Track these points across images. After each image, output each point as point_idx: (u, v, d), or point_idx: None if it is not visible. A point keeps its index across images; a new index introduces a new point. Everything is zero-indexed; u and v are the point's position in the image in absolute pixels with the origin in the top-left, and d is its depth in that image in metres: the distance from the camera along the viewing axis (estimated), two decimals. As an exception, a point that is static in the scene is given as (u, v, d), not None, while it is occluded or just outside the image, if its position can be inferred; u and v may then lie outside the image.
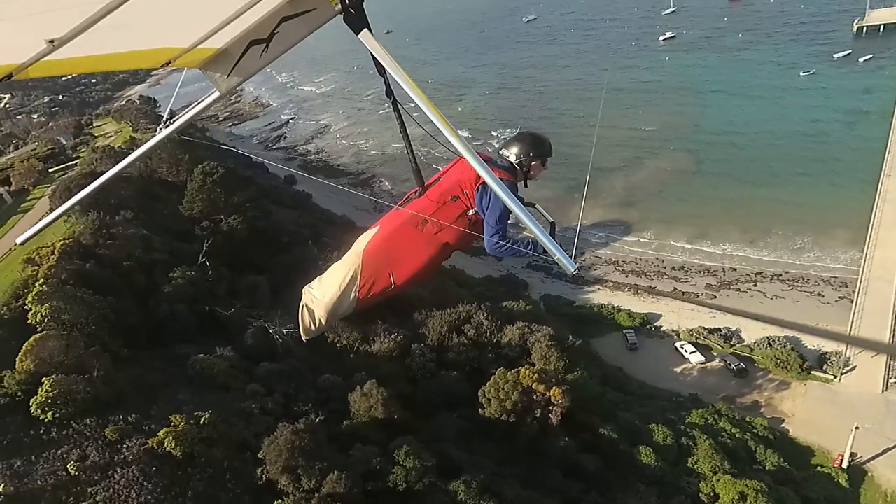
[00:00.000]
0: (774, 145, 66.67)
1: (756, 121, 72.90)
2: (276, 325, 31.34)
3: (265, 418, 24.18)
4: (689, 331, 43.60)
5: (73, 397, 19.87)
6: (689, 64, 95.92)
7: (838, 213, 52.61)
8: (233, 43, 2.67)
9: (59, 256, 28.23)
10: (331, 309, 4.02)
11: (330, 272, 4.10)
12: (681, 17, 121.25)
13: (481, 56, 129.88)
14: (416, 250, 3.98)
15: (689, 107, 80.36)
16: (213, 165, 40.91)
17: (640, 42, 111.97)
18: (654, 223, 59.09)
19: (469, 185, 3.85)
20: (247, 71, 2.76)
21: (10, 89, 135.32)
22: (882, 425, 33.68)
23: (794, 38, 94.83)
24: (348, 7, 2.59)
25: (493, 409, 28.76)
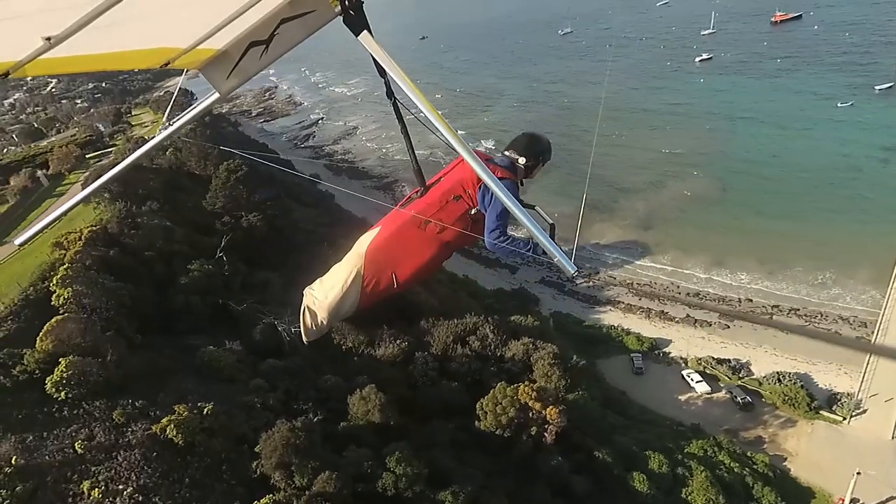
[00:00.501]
0: (802, 178, 64.76)
1: (786, 151, 70.97)
2: (285, 323, 32.08)
3: (265, 413, 24.88)
4: (698, 359, 42.90)
5: (87, 379, 20.91)
6: (723, 87, 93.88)
7: (863, 251, 50.81)
8: (232, 44, 2.66)
9: (85, 242, 29.62)
10: (333, 310, 4.04)
11: (331, 273, 4.12)
12: (720, 38, 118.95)
13: (513, 67, 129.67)
14: (419, 250, 4.00)
15: (719, 132, 78.88)
16: (238, 163, 42.07)
17: (674, 62, 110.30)
18: (672, 248, 58.24)
19: (472, 184, 3.87)
20: (246, 72, 2.75)
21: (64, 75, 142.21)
22: (888, 473, 32.54)
23: (835, 68, 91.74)
24: (348, 9, 2.61)
25: (488, 423, 28.93)
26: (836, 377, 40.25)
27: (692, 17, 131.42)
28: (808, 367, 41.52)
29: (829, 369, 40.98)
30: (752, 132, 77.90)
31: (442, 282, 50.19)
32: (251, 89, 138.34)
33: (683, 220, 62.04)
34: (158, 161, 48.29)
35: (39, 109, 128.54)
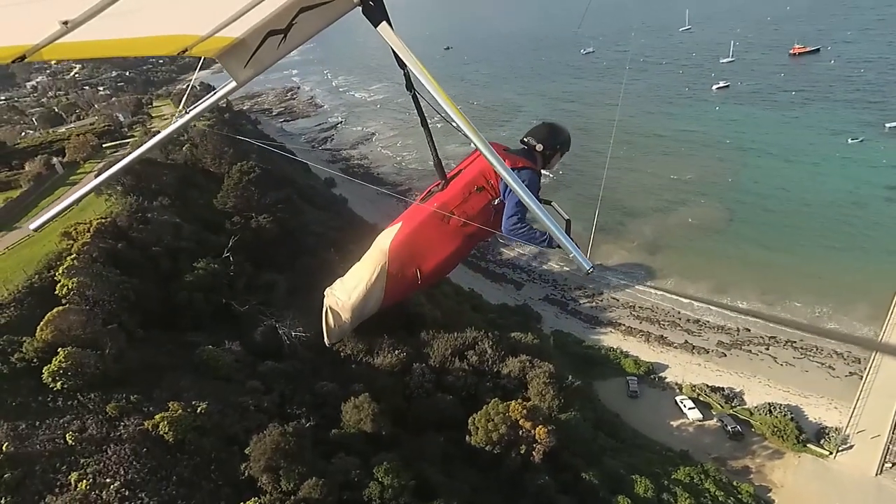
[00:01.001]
0: (807, 212, 64.11)
1: (793, 184, 70.14)
2: (287, 326, 32.00)
3: (259, 415, 24.70)
4: (692, 386, 42.22)
5: (84, 370, 20.90)
6: (736, 117, 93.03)
7: (862, 287, 50.03)
8: (250, 33, 2.61)
9: (93, 234, 29.57)
10: (356, 309, 3.95)
11: (352, 273, 4.03)
12: (738, 66, 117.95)
13: (532, 83, 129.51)
14: (443, 243, 3.91)
15: (729, 161, 78.12)
16: (252, 165, 42.25)
17: (691, 88, 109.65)
18: (676, 273, 57.63)
19: (494, 174, 3.80)
20: (263, 62, 2.71)
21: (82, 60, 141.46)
22: (870, 509, 32.02)
23: (847, 103, 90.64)
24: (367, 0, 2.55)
25: (479, 438, 28.60)
26: (826, 411, 39.58)
27: (712, 45, 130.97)
28: (800, 399, 40.85)
29: (819, 403, 40.31)
30: (762, 164, 77.08)
31: (447, 294, 49.97)
32: (273, 88, 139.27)
33: (689, 247, 61.43)
34: (174, 156, 48.39)
35: (61, 94, 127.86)
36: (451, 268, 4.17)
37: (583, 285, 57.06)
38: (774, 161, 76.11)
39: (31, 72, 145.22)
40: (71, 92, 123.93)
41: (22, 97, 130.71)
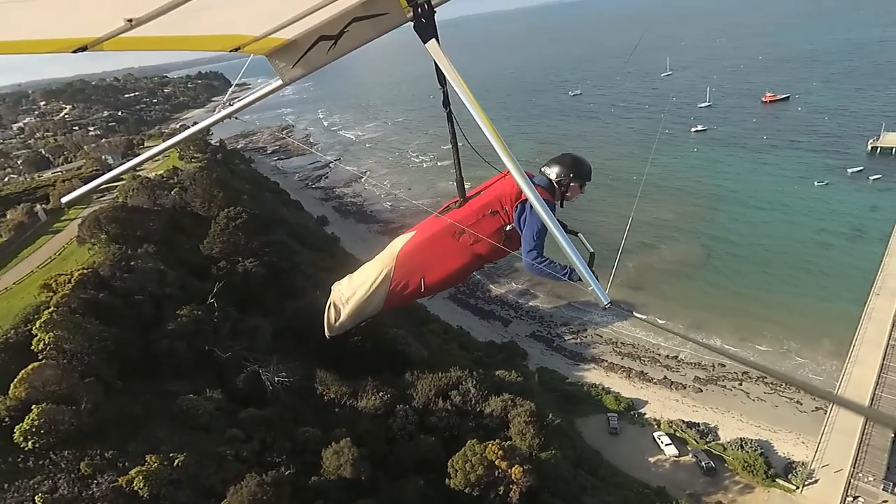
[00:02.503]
0: (777, 252, 64.59)
1: (764, 226, 71.04)
2: (270, 371, 31.10)
3: (237, 465, 23.77)
4: (670, 422, 41.47)
5: (57, 427, 19.93)
6: (714, 159, 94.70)
7: (827, 324, 50.34)
8: (302, 36, 2.60)
9: (74, 285, 28.69)
10: (359, 307, 3.90)
11: (360, 271, 3.99)
12: (715, 111, 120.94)
13: (523, 123, 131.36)
14: (451, 258, 3.87)
15: (706, 202, 79.12)
16: (239, 210, 41.76)
17: (673, 130, 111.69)
18: (656, 310, 57.10)
19: (509, 202, 3.77)
20: (312, 64, 2.68)
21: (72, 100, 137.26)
22: (835, 544, 31.19)
23: (814, 149, 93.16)
24: (420, 16, 2.55)
25: (457, 481, 27.64)
26: (794, 446, 39.11)
27: (692, 90, 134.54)
28: (771, 434, 40.35)
29: (788, 438, 39.89)
30: (735, 205, 78.01)
31: (436, 332, 49.35)
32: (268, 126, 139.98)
33: (667, 285, 61.42)
34: (162, 200, 47.73)
35: (49, 135, 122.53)
36: (454, 283, 4.10)
37: (568, 321, 56.65)
38: (747, 204, 77.00)
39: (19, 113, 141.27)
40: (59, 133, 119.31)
41: (8, 139, 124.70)
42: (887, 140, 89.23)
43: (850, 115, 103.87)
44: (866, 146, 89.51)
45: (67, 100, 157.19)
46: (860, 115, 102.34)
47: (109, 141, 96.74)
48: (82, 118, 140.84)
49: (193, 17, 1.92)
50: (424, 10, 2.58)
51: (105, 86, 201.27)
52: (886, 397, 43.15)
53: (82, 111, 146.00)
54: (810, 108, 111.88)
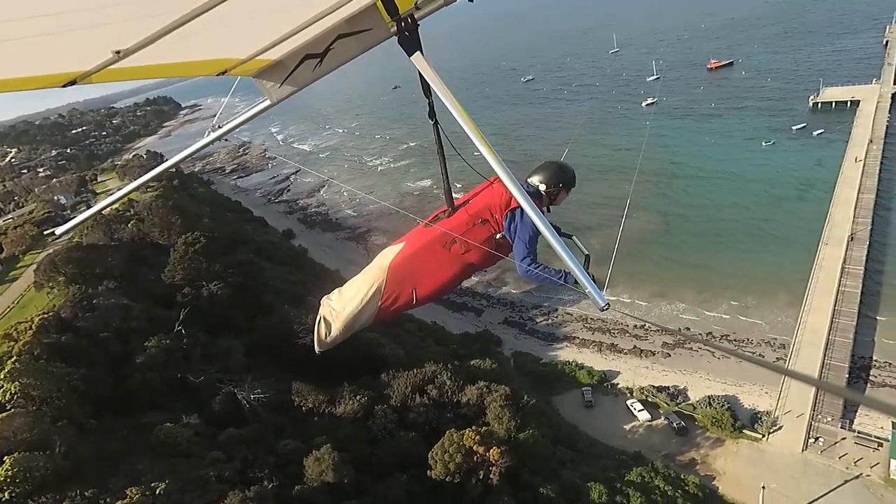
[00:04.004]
0: (731, 214, 68.21)
1: (718, 190, 74.73)
2: (246, 390, 31.95)
3: (220, 486, 24.60)
4: (641, 389, 43.98)
5: (32, 475, 20.53)
6: (666, 130, 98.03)
7: (782, 278, 53.69)
8: (288, 55, 2.62)
9: (35, 331, 28.95)
10: (349, 321, 3.91)
11: (350, 285, 4.00)
12: (664, 83, 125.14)
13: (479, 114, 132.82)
14: (442, 268, 3.91)
15: (662, 174, 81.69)
16: (196, 236, 42.13)
17: (624, 105, 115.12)
18: (621, 282, 59.81)
19: (499, 210, 3.81)
20: (299, 82, 2.71)
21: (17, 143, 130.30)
22: (798, 484, 34.30)
23: (759, 110, 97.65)
24: (404, 30, 2.61)
25: (438, 471, 29.14)
26: (758, 397, 41.93)
27: (639, 65, 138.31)
28: (737, 389, 43.18)
29: (752, 390, 42.73)
30: (688, 175, 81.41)
31: (411, 332, 50.48)
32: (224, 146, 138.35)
33: (631, 257, 63.82)
34: (119, 234, 47.52)
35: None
36: (445, 292, 4.12)
37: (538, 304, 58.76)
38: (698, 173, 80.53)
39: None
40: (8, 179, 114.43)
41: None
42: (826, 95, 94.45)
43: (790, 75, 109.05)
44: (808, 103, 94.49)
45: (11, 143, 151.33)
46: (800, 74, 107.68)
47: (61, 180, 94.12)
48: (30, 160, 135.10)
49: (180, 44, 1.94)
50: (408, 23, 2.64)
51: (50, 124, 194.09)
52: (839, 340, 46.40)
53: (29, 153, 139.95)
54: (753, 71, 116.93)
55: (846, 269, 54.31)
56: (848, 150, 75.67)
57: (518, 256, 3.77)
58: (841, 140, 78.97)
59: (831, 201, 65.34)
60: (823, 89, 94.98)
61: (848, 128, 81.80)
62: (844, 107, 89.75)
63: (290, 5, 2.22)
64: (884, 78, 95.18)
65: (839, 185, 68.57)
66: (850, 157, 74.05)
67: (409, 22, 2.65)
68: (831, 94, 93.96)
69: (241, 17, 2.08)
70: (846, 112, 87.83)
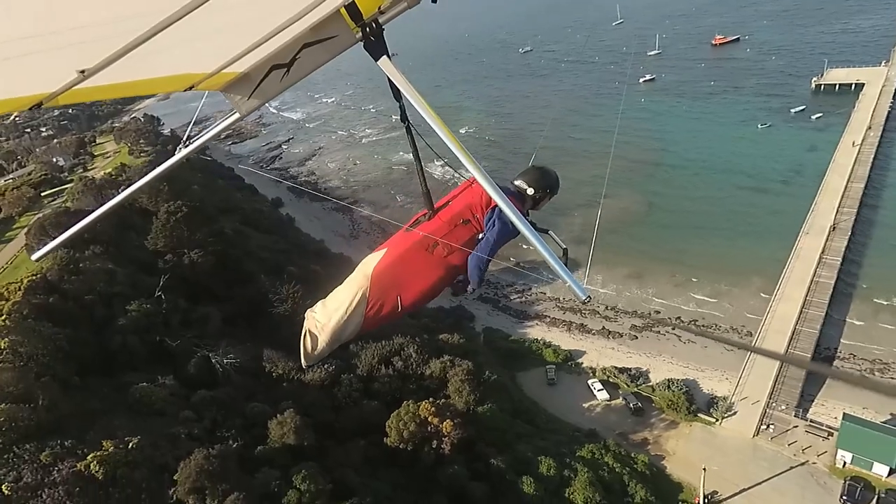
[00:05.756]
0: (717, 198, 68.89)
1: (707, 172, 75.12)
2: (220, 355, 34.35)
3: (190, 443, 27.01)
4: (604, 369, 46.20)
5: (17, 424, 23.01)
6: (661, 109, 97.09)
7: (758, 265, 54.97)
8: (255, 67, 2.65)
9: (24, 292, 31.10)
10: (336, 333, 3.88)
11: (334, 296, 3.96)
12: (664, 59, 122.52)
13: (475, 86, 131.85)
14: (426, 273, 3.89)
15: (651, 153, 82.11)
16: (179, 205, 43.65)
17: (622, 81, 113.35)
18: (598, 262, 61.32)
19: (480, 209, 3.83)
20: (267, 94, 2.75)
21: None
22: (745, 467, 36.68)
23: (760, 90, 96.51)
24: (369, 35, 2.64)
25: (393, 439, 31.67)
26: (718, 382, 44.02)
27: (642, 38, 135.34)
28: (698, 373, 45.25)
29: (713, 375, 44.79)
30: (681, 152, 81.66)
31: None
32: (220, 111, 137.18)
33: (610, 238, 65.04)
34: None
35: (2, 139, 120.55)
36: (432, 297, 4.09)
37: (513, 282, 60.58)
38: (688, 154, 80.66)
39: None
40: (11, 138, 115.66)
41: None
42: (830, 77, 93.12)
43: (796, 54, 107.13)
44: (810, 84, 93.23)
45: None
46: (806, 54, 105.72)
47: (60, 142, 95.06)
48: (33, 119, 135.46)
49: (145, 61, 1.94)
50: (373, 28, 2.66)
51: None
52: (806, 331, 48.18)
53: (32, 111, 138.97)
54: (758, 48, 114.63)
55: (823, 259, 55.41)
56: (844, 136, 75.38)
57: (480, 248, 3.82)
58: (839, 125, 78.58)
59: (819, 189, 65.70)
60: (828, 70, 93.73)
61: (848, 112, 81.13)
62: (848, 90, 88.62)
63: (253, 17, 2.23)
64: (893, 60, 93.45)
65: (829, 173, 68.66)
66: (846, 143, 73.73)
67: (374, 27, 2.69)
68: (835, 76, 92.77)
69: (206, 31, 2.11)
70: (849, 95, 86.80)
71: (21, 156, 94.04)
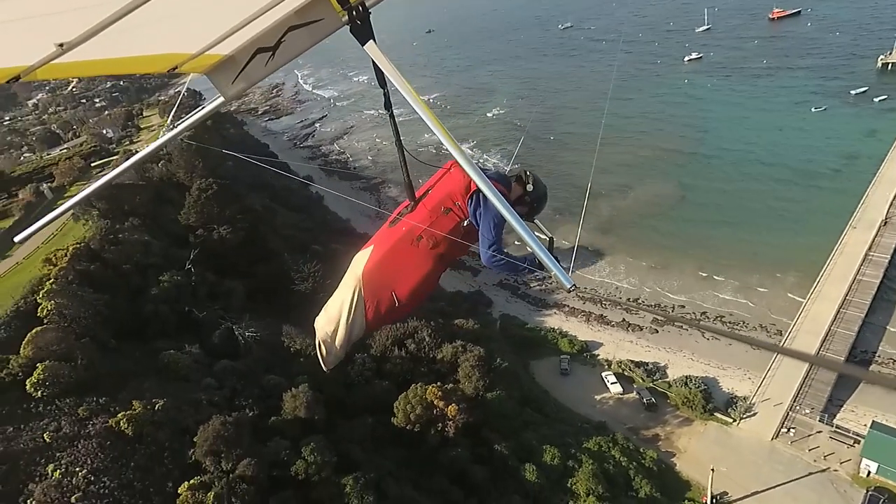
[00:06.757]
0: (758, 186, 66.50)
1: (750, 159, 72.31)
2: (243, 328, 36.87)
3: (210, 409, 29.58)
4: (619, 362, 46.40)
5: (59, 380, 25.89)
6: (705, 90, 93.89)
7: (796, 260, 53.21)
8: (239, 50, 2.65)
9: (70, 258, 34.24)
10: (343, 337, 3.97)
11: (333, 300, 4.03)
12: (714, 35, 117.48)
13: (511, 63, 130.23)
14: (415, 267, 3.89)
15: (689, 137, 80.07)
16: (210, 182, 46.21)
17: (664, 61, 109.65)
18: (623, 252, 60.98)
19: (460, 196, 3.79)
20: (252, 78, 2.75)
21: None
22: (759, 470, 36.47)
23: (817, 69, 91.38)
24: (355, 19, 2.63)
25: (400, 419, 33.44)
26: (740, 382, 43.51)
27: (691, 12, 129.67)
28: (718, 371, 44.84)
29: (735, 374, 44.27)
30: (724, 136, 78.80)
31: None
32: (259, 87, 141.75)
33: (638, 225, 64.56)
34: (150, 173, 52.44)
35: (61, 109, 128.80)
36: (427, 290, 4.12)
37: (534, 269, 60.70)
38: (732, 139, 77.68)
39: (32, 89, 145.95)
40: (68, 108, 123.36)
41: (25, 115, 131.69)
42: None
43: (863, 29, 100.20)
44: (876, 63, 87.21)
45: None
46: (874, 29, 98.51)
47: (110, 113, 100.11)
48: (88, 90, 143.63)
49: (126, 38, 1.95)
50: (359, 12, 2.65)
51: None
52: (841, 332, 46.59)
53: (87, 83, 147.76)
54: (821, 23, 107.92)
55: (870, 256, 53.09)
56: (910, 121, 70.60)
57: (483, 244, 3.76)
58: (905, 109, 73.48)
59: (873, 180, 62.23)
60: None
61: (918, 95, 75.76)
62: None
63: None
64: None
65: (888, 162, 64.86)
66: (911, 129, 68.98)
67: (361, 10, 2.68)
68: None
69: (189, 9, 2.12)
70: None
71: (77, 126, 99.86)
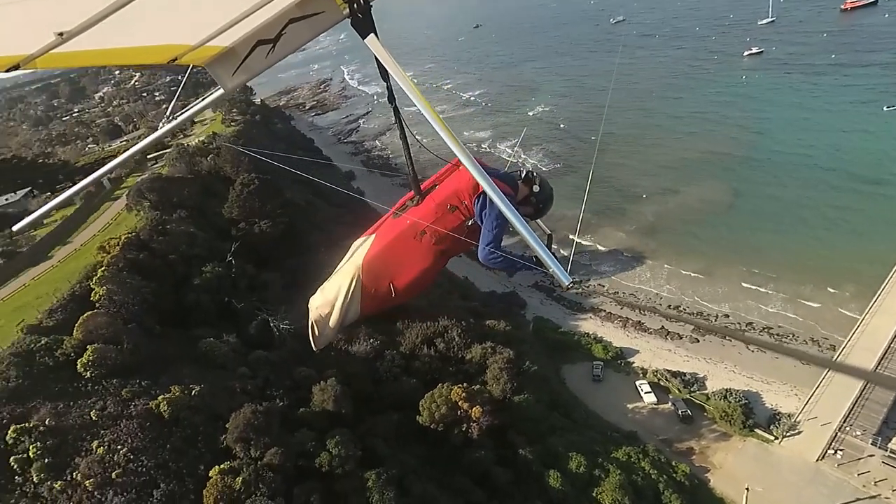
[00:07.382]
0: (818, 190, 63.04)
1: (809, 162, 68.45)
2: (278, 320, 38.31)
3: (243, 397, 31.02)
4: (655, 371, 45.19)
5: (106, 362, 27.83)
6: (764, 88, 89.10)
7: (855, 270, 50.28)
8: (239, 42, 2.67)
9: (121, 247, 36.64)
10: (337, 319, 4.03)
11: (331, 283, 4.07)
12: (777, 28, 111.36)
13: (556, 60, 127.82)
14: (416, 260, 3.89)
15: (744, 138, 76.62)
16: (251, 178, 48.07)
17: (721, 56, 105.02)
18: (666, 258, 59.27)
19: (468, 195, 3.80)
20: (252, 70, 2.76)
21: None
22: (800, 492, 34.74)
23: (891, 66, 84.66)
24: (356, 11, 2.67)
25: (424, 418, 33.90)
26: (785, 398, 41.62)
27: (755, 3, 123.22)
28: (762, 385, 43.02)
29: (781, 390, 42.39)
30: (781, 138, 74.97)
31: (439, 284, 54.65)
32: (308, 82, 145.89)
33: (685, 229, 62.48)
34: (199, 167, 55.09)
35: (124, 102, 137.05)
36: (425, 283, 4.12)
37: (573, 271, 59.44)
38: (790, 142, 73.80)
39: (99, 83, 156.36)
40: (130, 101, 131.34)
41: (91, 108, 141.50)
42: None
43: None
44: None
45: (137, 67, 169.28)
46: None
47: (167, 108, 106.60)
48: (149, 84, 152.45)
49: (126, 28, 1.96)
50: (360, 5, 2.67)
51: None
52: (902, 350, 43.86)
53: (149, 77, 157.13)
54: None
55: (942, 267, 49.59)
56: None
57: (482, 241, 3.79)
58: None
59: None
60: None
61: None
62: None
63: None
64: None
65: (967, 171, 60.55)
66: None
67: (362, 3, 2.68)
68: None
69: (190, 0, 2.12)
70: None
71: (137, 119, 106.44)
